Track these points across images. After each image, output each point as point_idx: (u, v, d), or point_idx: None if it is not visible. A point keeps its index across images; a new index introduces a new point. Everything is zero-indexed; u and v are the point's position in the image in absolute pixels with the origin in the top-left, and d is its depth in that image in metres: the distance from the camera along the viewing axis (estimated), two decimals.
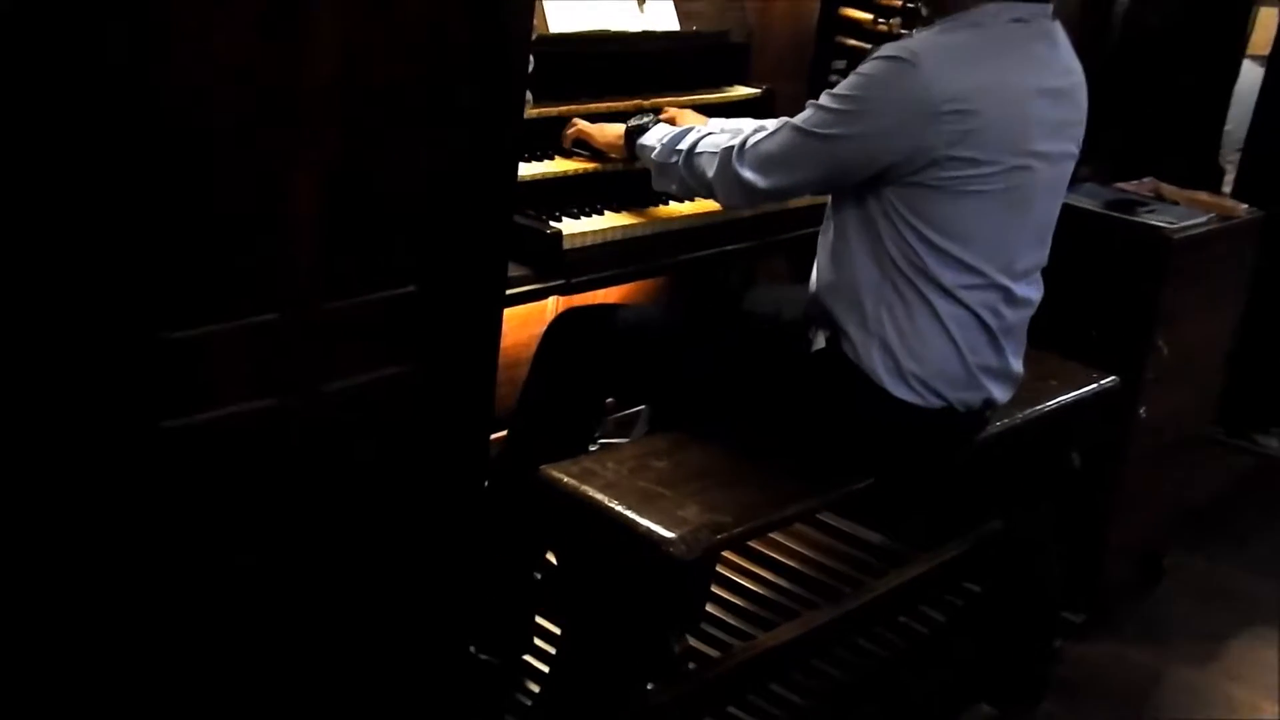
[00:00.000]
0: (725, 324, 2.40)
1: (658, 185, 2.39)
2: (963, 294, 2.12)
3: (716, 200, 2.28)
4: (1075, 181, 2.90)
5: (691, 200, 2.55)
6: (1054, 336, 2.61)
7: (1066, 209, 2.30)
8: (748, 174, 2.17)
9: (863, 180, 2.10)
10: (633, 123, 2.45)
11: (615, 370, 2.35)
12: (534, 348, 2.44)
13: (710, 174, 2.23)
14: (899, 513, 2.83)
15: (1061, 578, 2.86)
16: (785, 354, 2.26)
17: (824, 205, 2.27)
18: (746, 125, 2.52)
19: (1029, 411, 2.51)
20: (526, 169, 2.40)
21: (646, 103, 2.64)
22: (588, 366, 2.34)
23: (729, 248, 2.54)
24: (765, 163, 2.16)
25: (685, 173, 2.29)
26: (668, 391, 2.40)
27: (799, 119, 2.12)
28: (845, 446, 2.22)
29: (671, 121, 2.52)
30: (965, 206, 2.06)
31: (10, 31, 1.38)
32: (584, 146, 2.54)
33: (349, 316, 1.76)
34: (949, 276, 2.10)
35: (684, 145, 2.29)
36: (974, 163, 2.03)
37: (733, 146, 2.19)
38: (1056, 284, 2.34)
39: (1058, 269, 2.32)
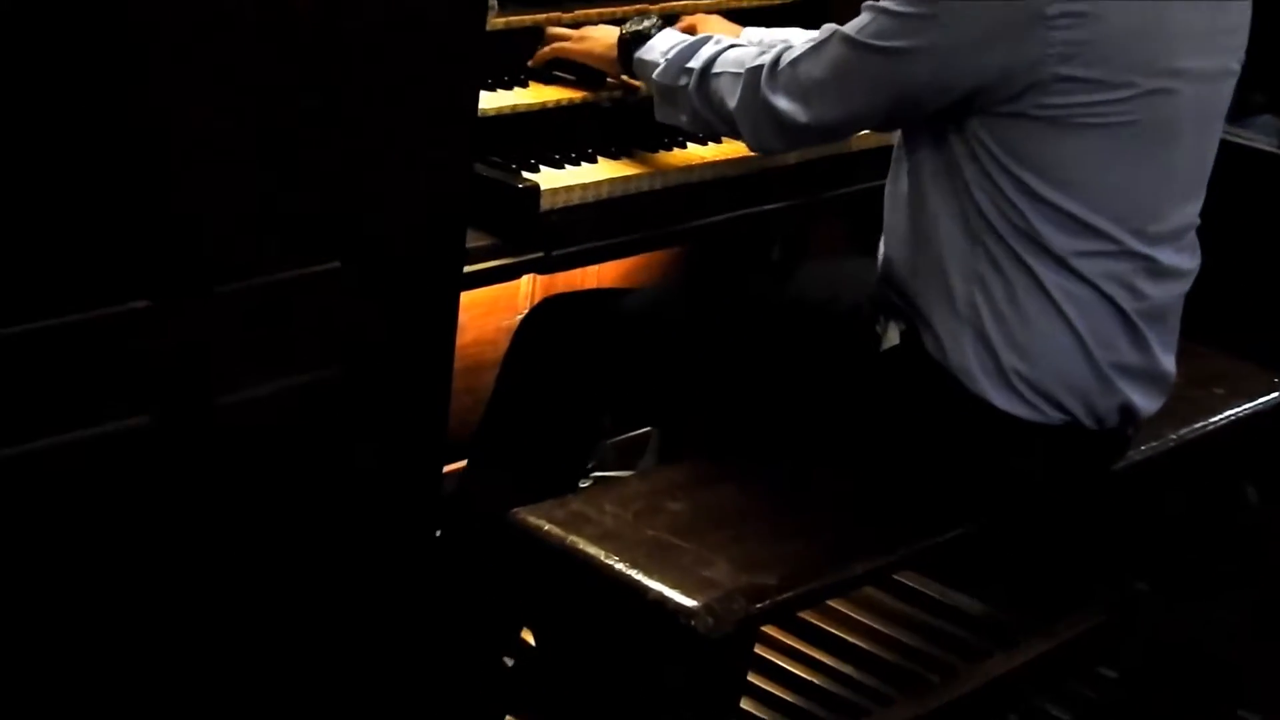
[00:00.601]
0: (763, 313, 2.40)
1: (662, 116, 2.40)
2: (1082, 264, 2.13)
3: (742, 139, 2.29)
4: (1246, 113, 2.90)
5: (715, 140, 2.57)
6: (1217, 325, 2.62)
7: (1233, 150, 2.31)
8: (782, 103, 2.19)
9: (940, 110, 2.11)
10: (628, 28, 2.45)
11: (613, 379, 2.36)
12: (502, 346, 2.45)
13: (732, 103, 2.24)
14: (1007, 571, 2.83)
15: (1233, 660, 2.86)
16: (845, 353, 2.27)
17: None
18: (793, 36, 2.53)
19: (1186, 430, 2.52)
20: (491, 100, 2.41)
21: (654, 7, 2.66)
22: (576, 374, 2.35)
23: (768, 207, 2.55)
24: (807, 87, 2.17)
25: (698, 100, 2.30)
26: (685, 407, 2.42)
27: (851, 27, 2.13)
28: (931, 479, 2.23)
29: (690, 30, 2.53)
30: (1083, 145, 2.07)
31: None
32: (568, 68, 2.55)
33: (250, 303, 1.77)
34: (1062, 241, 2.11)
35: (697, 62, 2.30)
36: (1095, 85, 2.04)
37: (762, 65, 2.20)
38: (1218, 252, 2.35)
39: (1220, 231, 2.33)
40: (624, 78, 2.52)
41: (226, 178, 1.73)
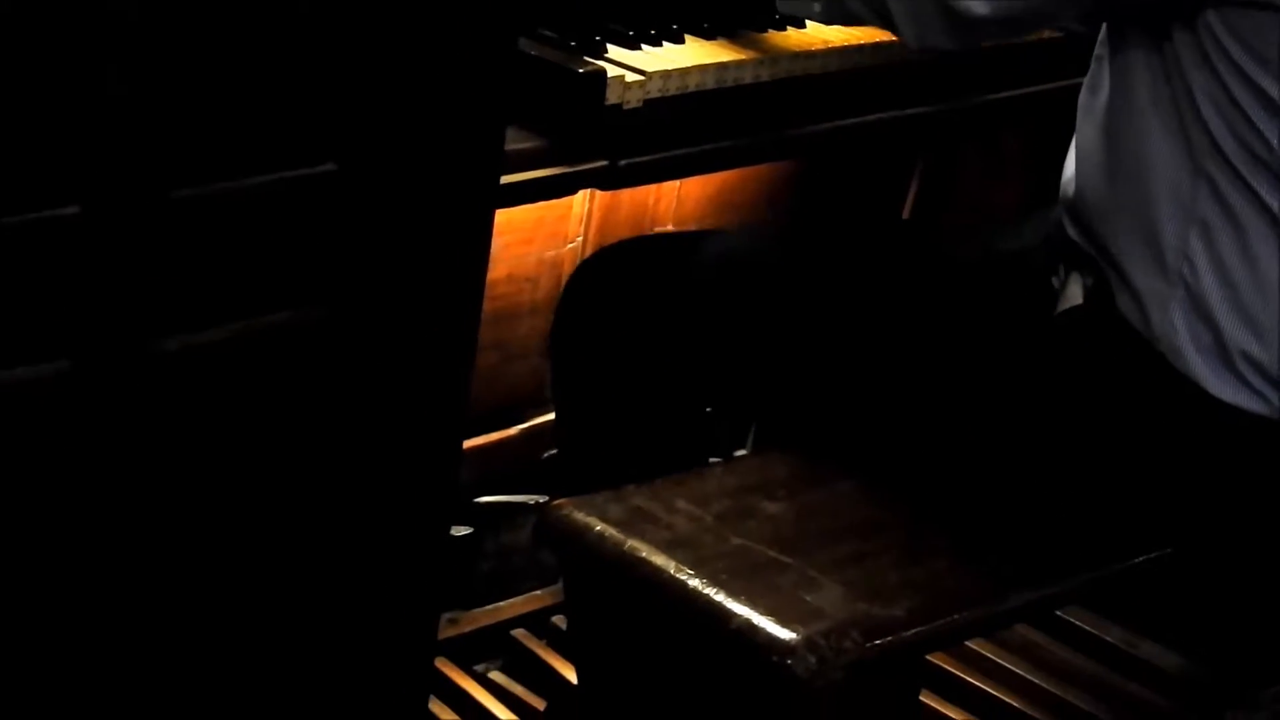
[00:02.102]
0: (898, 258, 2.42)
1: (786, 3, 2.43)
2: None
3: (898, 34, 2.30)
4: None
5: (849, 27, 2.55)
6: None
7: None
8: None
9: None
10: None
11: (696, 353, 2.40)
12: (544, 288, 2.47)
13: None
14: (1214, 614, 2.80)
15: None
16: (1008, 313, 2.29)
17: (1091, 40, 2.28)
18: None
19: None
20: None
21: None
22: (650, 349, 2.39)
23: (910, 111, 2.56)
24: None
25: None
26: (792, 390, 2.43)
27: None
28: (1116, 485, 2.23)
29: None
30: None
31: None
32: None
33: (211, 216, 1.77)
34: None
35: None
36: None
37: None
38: None
39: None
40: None
41: (185, 47, 1.71)
